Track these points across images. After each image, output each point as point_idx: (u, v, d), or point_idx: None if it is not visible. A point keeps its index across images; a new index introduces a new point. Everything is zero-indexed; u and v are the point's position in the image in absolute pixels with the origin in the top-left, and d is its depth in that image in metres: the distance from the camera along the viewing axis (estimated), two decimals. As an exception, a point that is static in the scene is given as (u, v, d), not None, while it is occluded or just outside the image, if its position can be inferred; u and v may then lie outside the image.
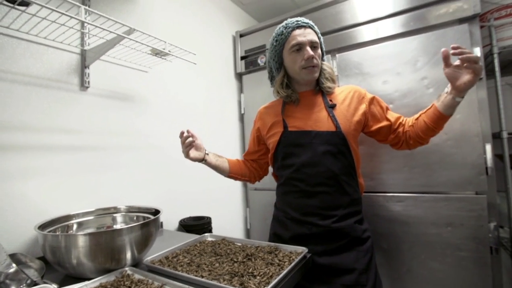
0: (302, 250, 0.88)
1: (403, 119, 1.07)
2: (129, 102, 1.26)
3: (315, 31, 1.05)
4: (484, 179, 1.19)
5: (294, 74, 1.06)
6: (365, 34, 1.51)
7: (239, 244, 0.99)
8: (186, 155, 1.09)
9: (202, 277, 0.72)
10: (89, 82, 1.09)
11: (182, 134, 1.07)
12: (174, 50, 1.12)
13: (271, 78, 1.17)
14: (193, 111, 1.62)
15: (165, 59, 1.19)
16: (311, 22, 1.05)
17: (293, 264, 0.78)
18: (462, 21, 1.27)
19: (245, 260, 0.83)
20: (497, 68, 1.32)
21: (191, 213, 1.51)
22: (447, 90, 0.91)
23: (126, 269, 0.77)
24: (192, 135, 1.08)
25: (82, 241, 0.72)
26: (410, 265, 1.33)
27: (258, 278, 0.70)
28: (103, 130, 1.15)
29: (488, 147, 1.21)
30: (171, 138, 1.45)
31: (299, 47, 1.01)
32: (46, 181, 0.96)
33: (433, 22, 1.33)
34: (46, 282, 0.70)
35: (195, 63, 1.20)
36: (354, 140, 1.04)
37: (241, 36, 1.96)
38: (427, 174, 1.31)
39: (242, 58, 1.96)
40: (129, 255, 0.79)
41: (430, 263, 1.29)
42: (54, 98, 1.00)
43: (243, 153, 1.99)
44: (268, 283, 0.67)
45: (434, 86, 1.30)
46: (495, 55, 1.32)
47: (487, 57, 1.36)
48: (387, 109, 1.10)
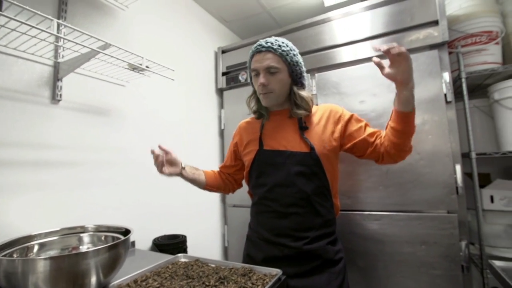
0: (276, 272, 0.86)
1: (380, 132, 1.03)
2: (104, 116, 1.23)
3: (279, 54, 0.98)
4: (455, 198, 1.23)
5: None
6: (343, 55, 1.57)
7: (213, 265, 0.95)
8: (160, 172, 1.06)
9: (170, 303, 0.68)
10: (61, 95, 1.06)
11: (152, 152, 1.05)
12: (152, 65, 1.11)
13: None
14: (172, 126, 1.59)
15: (142, 74, 1.18)
16: (276, 44, 0.98)
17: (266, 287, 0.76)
18: (432, 47, 1.34)
19: (217, 283, 0.80)
20: (465, 91, 1.39)
21: (166, 230, 1.46)
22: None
23: (89, 295, 0.72)
24: (164, 150, 1.07)
25: (41, 266, 0.67)
26: (385, 283, 1.34)
27: (229, 304, 0.68)
28: (75, 145, 1.11)
29: (458, 167, 1.25)
30: (148, 154, 1.41)
31: (256, 73, 1.02)
32: (7, 198, 0.90)
33: (406, 47, 1.37)
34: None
35: (173, 79, 1.20)
36: (330, 161, 1.03)
37: (223, 52, 1.98)
38: (401, 193, 1.34)
39: (224, 74, 1.97)
40: (94, 280, 0.74)
41: (405, 281, 1.30)
42: (21, 111, 0.95)
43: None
44: (238, 310, 0.64)
45: (407, 108, 1.35)
46: (463, 80, 1.40)
47: (456, 81, 1.43)
48: (366, 125, 1.06)
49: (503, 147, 1.42)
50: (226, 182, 1.27)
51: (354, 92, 1.49)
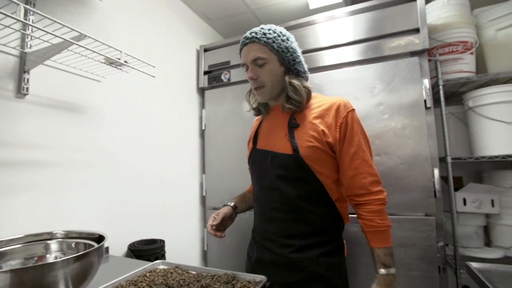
0: (261, 278, 0.83)
1: (364, 200, 0.89)
2: (76, 113, 1.14)
3: (265, 43, 0.89)
4: (433, 201, 1.27)
5: None
6: (326, 58, 1.57)
7: (194, 272, 0.91)
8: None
9: (149, 317, 0.63)
10: (27, 88, 0.96)
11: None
12: (131, 60, 1.05)
13: None
14: (150, 125, 1.52)
15: (120, 70, 1.11)
16: (260, 33, 0.90)
17: (251, 296, 0.72)
18: (413, 54, 1.38)
19: (199, 293, 0.75)
20: (442, 98, 1.44)
21: (143, 235, 1.39)
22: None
23: (56, 310, 0.65)
24: (214, 226, 1.03)
25: (0, 280, 0.59)
26: (366, 286, 1.35)
27: (212, 315, 0.64)
28: (43, 144, 1.01)
29: (436, 171, 1.29)
30: (123, 153, 1.34)
31: (246, 68, 0.95)
32: (-39, 203, 0.80)
33: (387, 53, 1.43)
34: None
35: (154, 76, 1.13)
36: (324, 163, 0.90)
37: (205, 50, 1.93)
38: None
39: (206, 73, 1.91)
40: (62, 293, 0.68)
41: (385, 284, 1.31)
42: (-20, 105, 0.86)
43: (202, 171, 1.94)
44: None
45: (389, 112, 1.37)
46: (441, 87, 1.45)
47: (433, 88, 1.48)
48: (364, 162, 0.89)
49: (476, 152, 1.48)
50: None
51: (337, 95, 1.49)
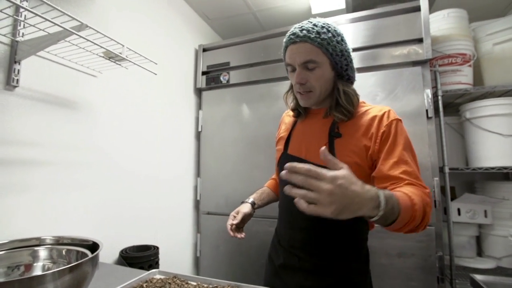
0: (267, 291, 0.79)
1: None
2: (69, 109, 1.06)
3: (318, 44, 0.78)
4: (433, 211, 1.27)
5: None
6: (328, 64, 1.56)
7: (194, 283, 0.85)
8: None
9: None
10: (18, 80, 0.89)
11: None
12: (132, 56, 0.99)
13: None
14: (145, 124, 1.45)
15: (119, 65, 1.05)
16: (314, 31, 0.78)
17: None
18: (415, 63, 1.39)
19: (203, 307, 0.70)
20: (441, 108, 1.46)
21: (134, 239, 1.31)
22: None
23: (46, 328, 0.58)
24: (234, 225, 0.98)
25: (-17, 293, 0.52)
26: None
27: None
28: (32, 141, 0.93)
29: (436, 181, 1.29)
30: (116, 152, 1.27)
31: (292, 68, 0.85)
32: None
33: (389, 61, 1.43)
34: None
35: (156, 74, 1.08)
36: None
37: (204, 50, 1.88)
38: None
39: (204, 73, 1.86)
40: (52, 307, 0.61)
41: (383, 294, 1.30)
42: (-36, 96, 0.78)
43: (197, 174, 1.88)
44: None
45: (391, 121, 1.37)
46: (439, 97, 1.46)
47: (434, 98, 1.50)
48: (394, 166, 0.76)
49: (472, 163, 1.50)
50: None
51: (339, 101, 1.48)
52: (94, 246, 0.80)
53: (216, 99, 1.81)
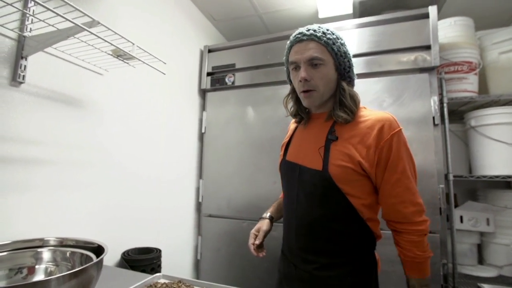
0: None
1: (402, 228, 0.87)
2: (75, 107, 1.04)
3: (324, 43, 0.80)
4: (438, 219, 1.26)
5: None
6: (334, 68, 1.56)
7: (200, 288, 0.83)
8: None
9: None
10: (24, 76, 0.86)
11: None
12: (141, 54, 0.97)
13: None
14: (148, 124, 1.43)
15: (127, 63, 1.03)
16: (320, 31, 0.80)
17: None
18: (422, 70, 1.39)
19: (212, 314, 0.68)
20: (446, 116, 1.46)
21: (136, 241, 1.29)
22: None
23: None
24: (257, 242, 0.97)
25: (-14, 298, 0.50)
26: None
27: None
28: (36, 139, 0.91)
29: (441, 188, 1.29)
30: (121, 152, 1.24)
31: (295, 66, 0.85)
32: None
33: (396, 67, 1.43)
34: None
35: (164, 73, 1.06)
36: (355, 185, 0.82)
37: (209, 51, 1.86)
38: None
39: (209, 74, 1.85)
40: (57, 313, 0.58)
41: (386, 301, 1.28)
42: (-31, 91, 0.75)
43: (199, 176, 1.86)
44: None
45: (398, 127, 1.36)
46: (445, 104, 1.46)
47: (439, 105, 1.50)
48: (397, 183, 0.79)
49: (476, 171, 1.50)
50: None
51: (345, 106, 1.48)
52: (98, 249, 0.78)
53: (220, 101, 1.79)
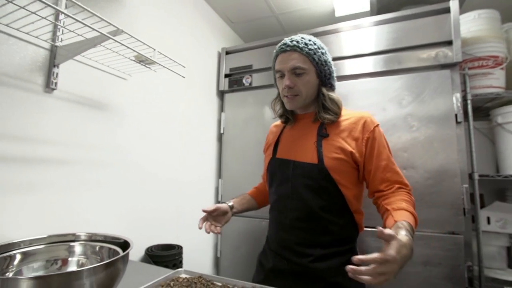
0: (293, 295, 0.78)
1: (386, 193, 0.89)
2: (101, 110, 1.11)
3: (306, 54, 0.90)
4: (461, 219, 1.22)
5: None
6: (351, 67, 1.54)
7: (219, 284, 0.86)
8: (213, 232, 1.01)
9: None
10: (56, 83, 0.93)
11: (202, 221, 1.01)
12: (162, 59, 1.02)
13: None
14: (170, 126, 1.48)
15: (149, 68, 1.08)
16: (302, 43, 0.90)
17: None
18: (444, 66, 1.34)
19: (231, 308, 0.71)
20: (470, 113, 1.40)
21: (158, 239, 1.34)
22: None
23: (83, 321, 0.61)
24: (208, 211, 1.00)
25: (26, 287, 0.55)
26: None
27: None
28: (67, 142, 0.98)
29: (465, 188, 1.25)
30: (144, 154, 1.30)
31: (281, 74, 0.95)
32: (-16, 199, 0.76)
33: (416, 64, 1.39)
34: None
35: (184, 77, 1.10)
36: (346, 175, 0.91)
37: (227, 53, 1.90)
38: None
39: (226, 76, 1.89)
40: (88, 302, 0.63)
41: (407, 303, 1.26)
42: (8, 98, 0.82)
43: (218, 175, 1.90)
44: None
45: (418, 125, 1.33)
46: (469, 101, 1.41)
47: (463, 102, 1.45)
48: (388, 166, 0.89)
49: (504, 170, 1.44)
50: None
51: (363, 105, 1.46)
52: (124, 244, 0.83)
53: (238, 102, 1.83)
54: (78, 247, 0.82)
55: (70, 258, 0.80)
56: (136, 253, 1.21)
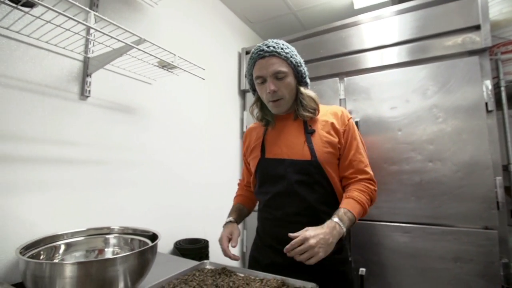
0: (312, 286, 0.80)
1: (349, 182, 0.97)
2: (130, 114, 1.20)
3: (284, 57, 0.93)
4: (495, 214, 1.16)
5: (265, 103, 1.03)
6: (372, 60, 1.51)
7: (242, 275, 0.90)
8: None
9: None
10: (89, 91, 1.03)
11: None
12: (183, 63, 1.08)
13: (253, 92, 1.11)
14: (194, 127, 1.56)
15: (171, 72, 1.14)
16: (278, 47, 0.93)
17: (305, 304, 0.70)
18: (471, 53, 1.28)
19: (250, 296, 0.75)
20: (504, 101, 1.32)
21: (187, 234, 1.42)
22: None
23: (118, 303, 0.68)
24: (233, 245, 1.05)
25: (69, 271, 0.63)
26: None
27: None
28: (100, 144, 1.08)
29: (499, 180, 1.18)
30: (171, 154, 1.38)
31: (262, 80, 0.96)
32: (34, 196, 0.87)
33: (441, 52, 1.34)
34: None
35: (204, 79, 1.16)
36: (335, 168, 0.97)
37: (247, 53, 1.94)
38: (435, 206, 1.27)
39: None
40: (121, 286, 0.70)
41: (437, 300, 1.22)
42: (50, 106, 0.93)
43: (242, 172, 1.94)
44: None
45: (444, 116, 1.28)
46: (502, 88, 1.33)
47: (494, 89, 1.36)
48: (358, 151, 0.97)
49: (544, 161, 1.33)
50: (253, 198, 1.22)
51: (385, 97, 1.43)
52: (153, 236, 0.90)
53: (258, 100, 1.86)
54: (112, 239, 0.90)
55: (106, 249, 0.89)
56: (165, 246, 1.29)
